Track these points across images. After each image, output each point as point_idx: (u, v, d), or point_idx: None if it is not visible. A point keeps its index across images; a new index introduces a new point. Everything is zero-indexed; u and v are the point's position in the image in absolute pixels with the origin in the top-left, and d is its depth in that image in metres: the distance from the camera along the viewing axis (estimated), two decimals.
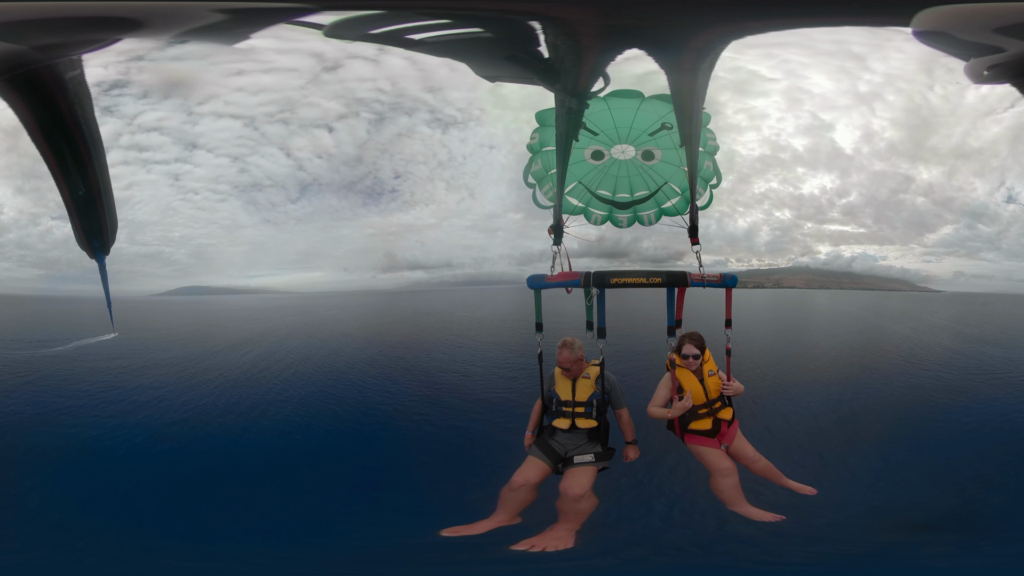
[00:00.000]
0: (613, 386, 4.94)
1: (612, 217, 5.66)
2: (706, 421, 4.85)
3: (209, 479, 6.45)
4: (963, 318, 27.81)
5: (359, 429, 8.62)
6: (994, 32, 3.28)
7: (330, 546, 4.80)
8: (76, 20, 3.32)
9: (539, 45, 3.64)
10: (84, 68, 3.55)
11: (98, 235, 4.21)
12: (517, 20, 3.55)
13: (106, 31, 3.33)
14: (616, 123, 5.25)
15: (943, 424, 8.53)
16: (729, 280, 4.86)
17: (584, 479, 4.65)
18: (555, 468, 4.79)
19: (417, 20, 3.50)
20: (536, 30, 3.54)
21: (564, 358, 4.83)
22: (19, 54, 3.28)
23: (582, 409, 4.85)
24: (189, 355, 14.45)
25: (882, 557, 4.51)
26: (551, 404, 4.95)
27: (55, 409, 9.05)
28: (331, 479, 6.54)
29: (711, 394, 4.86)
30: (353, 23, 3.43)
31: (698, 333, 4.95)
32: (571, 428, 4.86)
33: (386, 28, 3.47)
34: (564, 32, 3.59)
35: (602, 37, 3.67)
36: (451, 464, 7.05)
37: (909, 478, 6.36)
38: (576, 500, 4.56)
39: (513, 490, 4.68)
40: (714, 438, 4.85)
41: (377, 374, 12.22)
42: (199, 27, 3.35)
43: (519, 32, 3.60)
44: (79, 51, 3.44)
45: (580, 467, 4.72)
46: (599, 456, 4.78)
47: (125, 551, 4.67)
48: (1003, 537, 4.96)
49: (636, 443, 5.03)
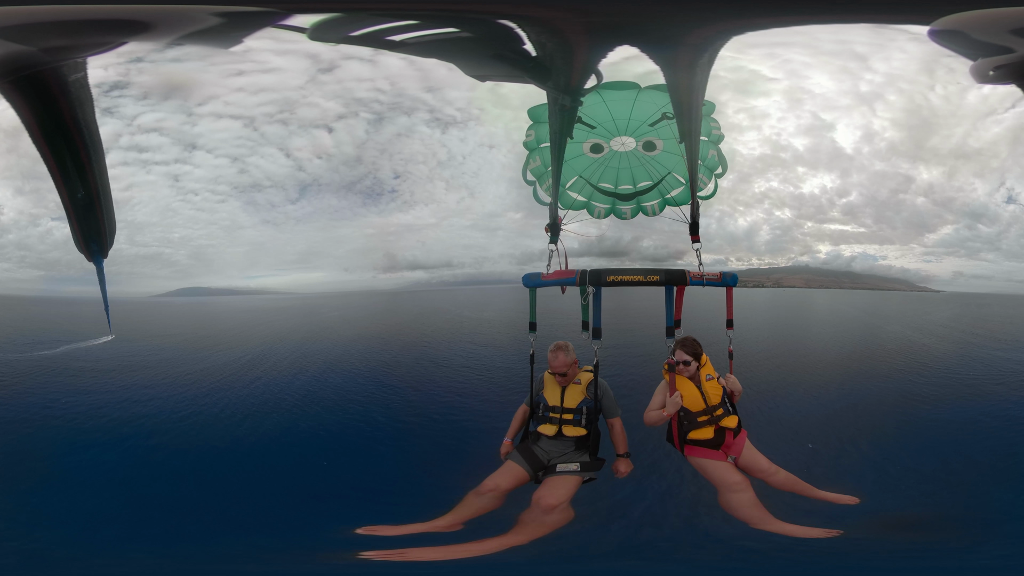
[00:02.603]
0: (605, 393, 4.64)
1: (615, 209, 5.60)
2: (707, 430, 4.47)
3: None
4: (958, 318, 27.83)
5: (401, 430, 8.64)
6: (1006, 34, 3.28)
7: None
8: (85, 23, 3.32)
9: (524, 44, 3.57)
10: (88, 71, 3.56)
11: (96, 238, 4.20)
12: (488, 20, 3.49)
13: (114, 34, 3.34)
14: (613, 115, 5.17)
15: (943, 424, 8.54)
16: (730, 279, 4.70)
17: (562, 490, 4.27)
18: (534, 476, 4.44)
19: (397, 21, 3.46)
20: (514, 30, 3.49)
21: (560, 362, 4.57)
22: (27, 56, 3.29)
23: (570, 416, 4.55)
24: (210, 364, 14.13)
25: (881, 557, 4.48)
26: (537, 409, 4.68)
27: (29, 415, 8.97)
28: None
29: (711, 400, 4.51)
30: (333, 25, 3.41)
31: (692, 338, 4.64)
32: (557, 435, 4.55)
33: (368, 30, 3.45)
34: (546, 31, 3.53)
35: (588, 34, 3.60)
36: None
37: (909, 478, 6.36)
38: (547, 511, 4.16)
39: (479, 495, 4.34)
40: (718, 449, 4.47)
41: (407, 375, 12.28)
42: (198, 30, 3.35)
43: (497, 32, 3.53)
44: (85, 53, 3.45)
45: (561, 476, 4.36)
46: (585, 466, 4.43)
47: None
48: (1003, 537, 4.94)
49: (629, 456, 4.66)
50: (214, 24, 3.31)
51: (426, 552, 3.96)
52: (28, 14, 3.10)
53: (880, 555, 4.46)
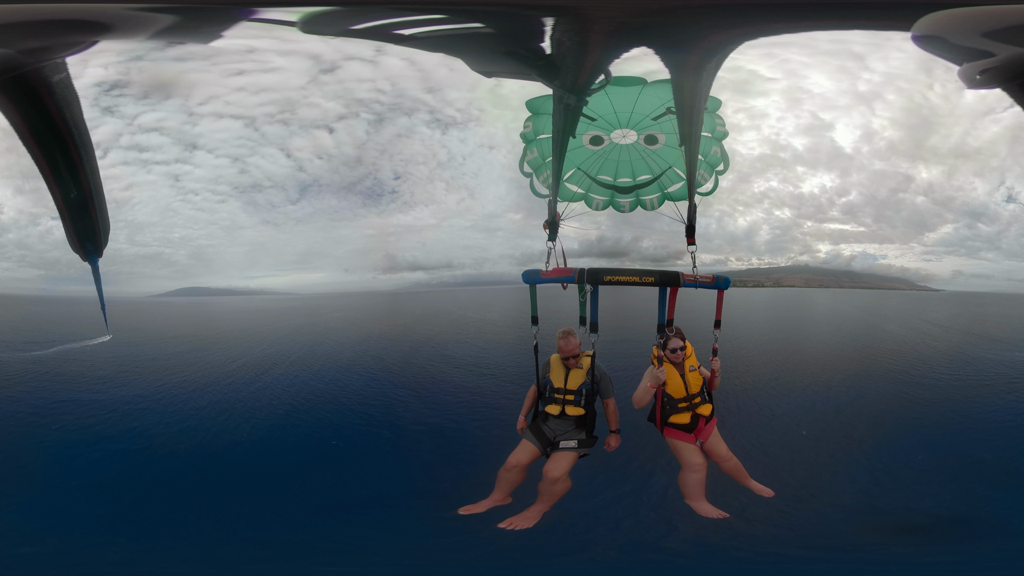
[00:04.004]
0: (603, 376, 5.14)
1: (614, 202, 5.62)
2: (685, 415, 5.02)
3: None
4: (955, 318, 27.85)
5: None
6: (987, 36, 3.26)
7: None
8: (54, 23, 3.32)
9: (543, 40, 3.58)
10: (70, 71, 3.55)
11: (91, 238, 4.22)
12: (528, 14, 3.50)
13: (82, 33, 3.33)
14: (616, 108, 5.21)
15: (942, 424, 8.52)
16: (722, 282, 4.91)
17: (563, 463, 4.92)
18: (543, 451, 5.07)
19: (413, 15, 3.44)
20: (545, 24, 3.48)
21: (572, 346, 5.03)
22: (8, 58, 3.28)
23: (572, 397, 5.07)
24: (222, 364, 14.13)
25: (880, 557, 4.49)
26: (545, 390, 5.20)
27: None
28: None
29: (691, 389, 5.04)
30: (332, 17, 3.38)
31: (678, 327, 5.11)
32: (561, 415, 5.10)
33: (375, 23, 3.42)
34: (574, 27, 3.52)
35: (613, 33, 3.61)
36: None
37: (908, 477, 6.35)
38: (552, 482, 4.87)
39: (507, 471, 5.04)
40: (691, 433, 5.03)
41: (421, 374, 12.41)
42: (164, 28, 3.34)
43: (525, 26, 3.54)
44: (62, 54, 3.46)
45: (563, 452, 4.98)
46: (582, 443, 5.03)
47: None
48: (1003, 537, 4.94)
49: (619, 432, 5.26)
50: (172, 23, 3.30)
51: (520, 520, 4.84)
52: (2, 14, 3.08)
53: (878, 555, 4.47)
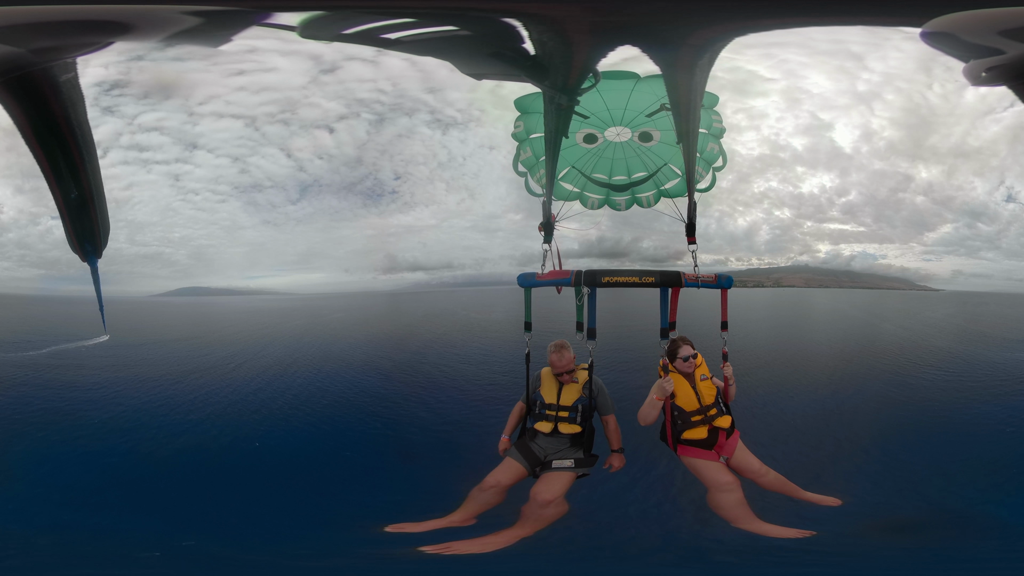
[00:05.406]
0: (600, 391, 4.72)
1: (609, 200, 5.54)
2: (701, 430, 4.49)
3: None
4: (952, 317, 27.85)
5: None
6: (996, 36, 3.27)
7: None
8: (72, 23, 3.31)
9: (523, 43, 3.54)
10: (78, 71, 3.55)
11: (90, 238, 4.21)
12: (494, 19, 3.46)
13: (99, 34, 3.32)
14: (608, 105, 5.06)
15: (941, 424, 8.52)
16: (724, 281, 4.68)
17: (557, 485, 4.44)
18: (532, 471, 4.59)
19: (393, 18, 3.43)
20: (517, 28, 3.44)
21: (567, 360, 4.67)
22: (17, 57, 3.29)
23: (566, 413, 4.65)
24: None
25: (880, 557, 4.46)
26: (534, 406, 4.77)
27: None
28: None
29: (705, 400, 4.53)
30: (326, 22, 3.37)
31: (685, 336, 4.71)
32: (553, 432, 4.66)
33: (361, 27, 3.41)
34: (550, 29, 3.50)
35: (592, 34, 3.58)
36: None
37: (907, 478, 6.34)
38: (543, 506, 4.35)
39: (482, 491, 4.53)
40: (711, 449, 4.49)
41: (435, 374, 12.22)
42: (182, 30, 3.33)
43: (499, 30, 3.50)
44: (74, 54, 3.44)
45: (557, 472, 4.51)
46: (579, 462, 4.57)
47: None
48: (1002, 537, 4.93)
49: (623, 452, 4.77)
50: (194, 24, 3.29)
51: (466, 545, 4.24)
52: (14, 15, 3.09)
53: (872, 557, 4.45)
